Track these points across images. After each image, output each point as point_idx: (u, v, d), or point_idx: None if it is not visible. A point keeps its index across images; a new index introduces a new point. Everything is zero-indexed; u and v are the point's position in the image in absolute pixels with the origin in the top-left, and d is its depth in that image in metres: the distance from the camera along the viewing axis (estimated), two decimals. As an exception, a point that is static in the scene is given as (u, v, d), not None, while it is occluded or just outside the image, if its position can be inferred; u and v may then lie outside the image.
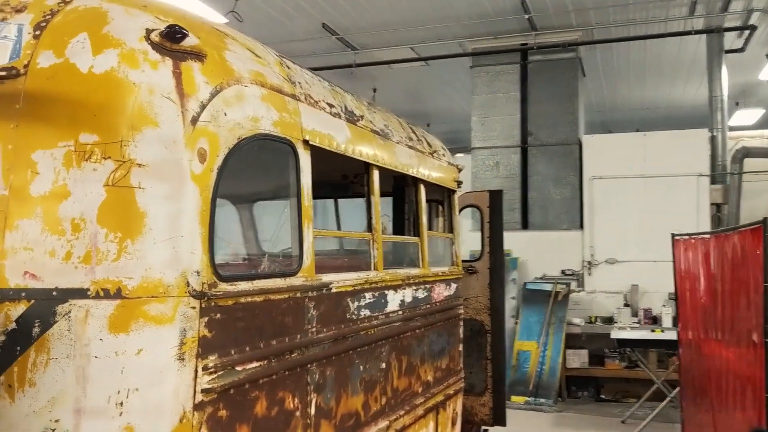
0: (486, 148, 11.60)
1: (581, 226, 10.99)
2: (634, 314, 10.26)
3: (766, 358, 4.32)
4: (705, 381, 6.12)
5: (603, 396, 10.29)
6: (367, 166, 3.88)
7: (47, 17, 2.29)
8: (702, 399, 6.27)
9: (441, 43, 11.62)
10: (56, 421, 2.08)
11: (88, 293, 2.12)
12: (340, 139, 3.48)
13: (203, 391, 2.36)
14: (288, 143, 2.99)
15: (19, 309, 2.11)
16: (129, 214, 2.18)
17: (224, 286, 2.48)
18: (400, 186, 5.15)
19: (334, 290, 3.33)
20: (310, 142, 3.13)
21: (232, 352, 2.53)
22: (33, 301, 2.11)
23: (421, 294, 4.55)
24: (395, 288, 4.11)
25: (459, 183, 5.61)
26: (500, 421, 6.16)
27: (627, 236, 10.54)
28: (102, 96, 2.20)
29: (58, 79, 2.19)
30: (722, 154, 10.52)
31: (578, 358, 10.29)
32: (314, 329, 3.14)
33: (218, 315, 2.45)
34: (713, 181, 10.47)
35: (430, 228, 5.48)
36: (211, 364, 2.40)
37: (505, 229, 11.37)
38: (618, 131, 15.55)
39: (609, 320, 10.38)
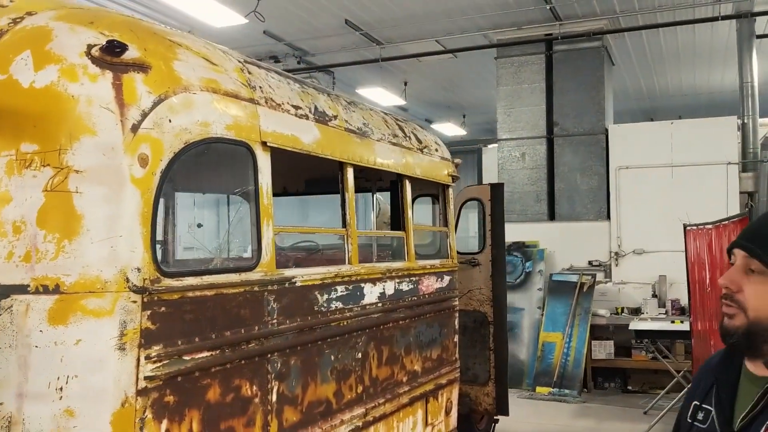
0: (512, 140, 11.58)
1: (608, 217, 10.89)
2: (662, 305, 10.13)
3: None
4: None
5: (630, 387, 10.21)
6: (341, 165, 4.02)
7: (-3, 37, 2.51)
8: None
9: (466, 36, 11.65)
10: (1, 404, 2.30)
11: (28, 289, 2.34)
12: (307, 139, 3.63)
13: (146, 378, 2.56)
14: (244, 145, 3.16)
15: (-33, 303, 2.34)
16: (66, 216, 2.38)
17: (168, 282, 2.67)
18: (394, 182, 5.28)
19: (298, 284, 3.50)
20: (269, 144, 3.29)
21: (179, 342, 2.72)
22: (-21, 296, 2.34)
23: (405, 286, 4.68)
24: (373, 281, 4.25)
25: (454, 178, 5.69)
26: (503, 410, 6.25)
27: (655, 226, 10.40)
28: (42, 108, 2.41)
29: (2, 94, 2.41)
30: (753, 142, 10.27)
31: (604, 350, 10.24)
32: (275, 321, 3.31)
33: (162, 308, 2.64)
34: (744, 169, 10.24)
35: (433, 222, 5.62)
36: (154, 354, 2.59)
37: (532, 220, 11.45)
38: (660, 119, 15.27)
39: (636, 311, 10.28)
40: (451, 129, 19.30)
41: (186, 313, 2.77)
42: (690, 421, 1.86)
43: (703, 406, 1.83)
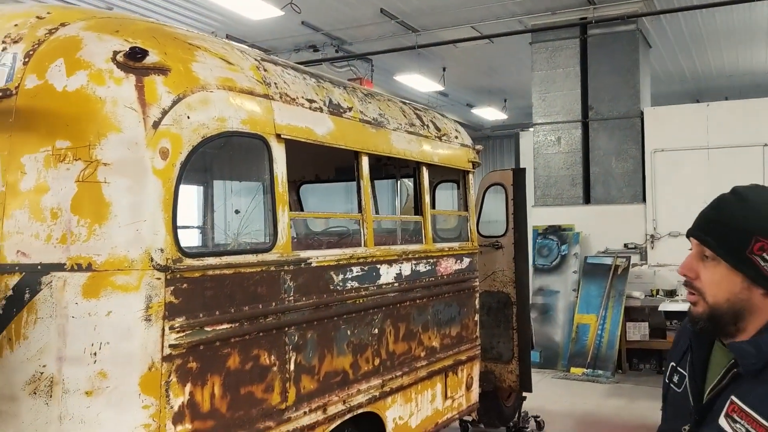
0: (547, 124, 11.68)
1: (644, 200, 10.92)
2: (697, 287, 10.14)
3: None
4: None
5: (664, 368, 10.27)
6: (356, 154, 4.30)
7: (35, 46, 2.85)
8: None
9: (501, 21, 11.76)
10: (44, 366, 2.67)
11: (65, 267, 2.69)
12: (321, 131, 3.92)
13: (171, 346, 2.90)
14: (260, 138, 3.46)
15: (14, 280, 2.71)
16: (96, 203, 2.73)
17: (190, 261, 3.00)
18: (414, 169, 5.54)
19: (314, 264, 3.80)
20: (284, 136, 3.59)
21: (201, 315, 3.05)
22: (24, 273, 2.70)
23: (422, 267, 4.94)
24: (389, 262, 4.53)
25: (475, 164, 5.91)
26: (526, 387, 6.47)
27: (690, 209, 10.16)
28: (73, 109, 2.75)
29: (40, 97, 2.76)
30: (792, 122, 10.15)
31: (639, 331, 10.31)
32: (292, 298, 3.62)
33: (184, 285, 2.97)
34: (781, 151, 10.14)
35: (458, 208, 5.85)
36: (177, 325, 2.92)
37: (568, 203, 11.54)
38: (705, 101, 15.08)
39: (671, 293, 10.31)
40: (492, 113, 19.36)
41: (206, 289, 3.09)
42: (668, 381, 1.94)
43: (679, 369, 1.89)
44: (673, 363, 1.93)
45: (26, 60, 2.83)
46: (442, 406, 5.23)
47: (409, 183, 6.67)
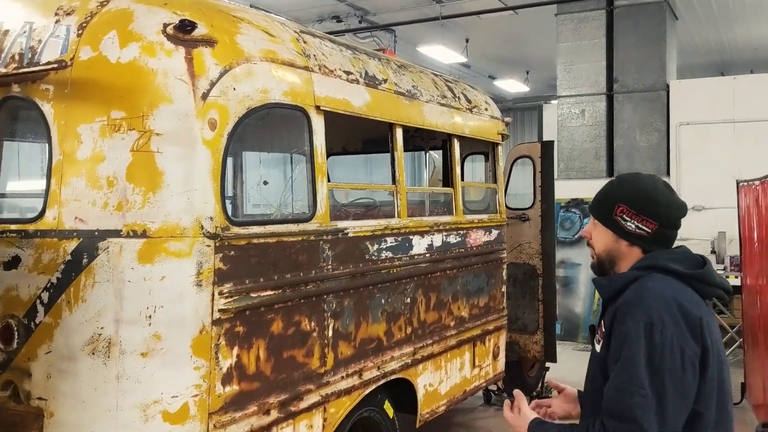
0: (571, 96, 11.64)
1: (668, 173, 10.89)
2: (720, 261, 10.14)
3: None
4: (763, 326, 6.21)
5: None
6: (390, 126, 4.36)
7: (88, 18, 2.93)
8: (759, 343, 6.37)
9: (526, -9, 11.68)
10: (102, 328, 2.79)
11: (121, 233, 2.79)
12: (357, 102, 3.98)
13: (220, 311, 3.00)
14: (300, 109, 3.53)
15: (72, 245, 2.82)
16: (150, 172, 2.82)
17: (236, 230, 3.09)
18: (444, 141, 5.58)
19: (351, 234, 3.88)
20: (323, 108, 3.65)
21: (247, 281, 3.15)
22: (82, 239, 2.81)
23: (453, 239, 5.02)
24: (421, 233, 4.61)
25: (504, 136, 5.94)
26: (551, 357, 6.56)
27: (715, 182, 10.34)
28: (127, 81, 2.83)
29: (94, 68, 2.84)
30: (821, 96, 10.06)
31: (659, 305, 10.34)
32: (330, 266, 3.72)
33: (232, 252, 3.07)
34: (810, 125, 10.06)
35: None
36: (226, 290, 3.03)
37: (591, 177, 11.54)
38: (730, 74, 14.93)
39: (694, 267, 10.31)
40: (514, 86, 19.27)
41: (252, 257, 3.19)
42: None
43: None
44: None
45: (80, 32, 2.91)
46: (470, 375, 5.34)
47: (435, 155, 6.73)
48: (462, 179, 5.24)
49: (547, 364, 6.83)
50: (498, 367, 5.87)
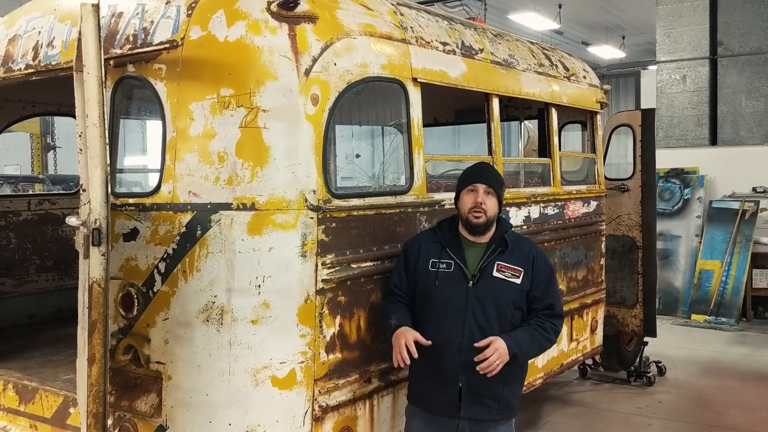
0: (672, 62, 11.14)
1: (776, 141, 10.32)
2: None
3: None
4: None
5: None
6: (486, 96, 4.32)
7: None
8: None
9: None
10: (215, 296, 2.93)
11: (232, 206, 2.91)
12: (454, 73, 3.96)
13: (323, 281, 3.10)
14: (397, 82, 3.55)
15: (186, 218, 2.96)
16: (257, 147, 2.91)
17: (338, 202, 3.16)
18: (541, 110, 5.49)
19: (447, 206, 3.89)
20: (420, 80, 3.66)
21: (348, 252, 3.23)
22: (195, 212, 2.95)
23: (550, 210, 4.95)
24: (518, 205, 4.57)
25: (603, 104, 5.78)
26: (651, 332, 6.40)
27: (828, 150, 9.75)
28: (234, 59, 2.92)
29: (204, 47, 2.95)
30: None
31: (765, 279, 9.88)
32: (428, 238, 3.74)
33: (333, 224, 3.15)
34: None
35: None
36: (328, 261, 3.12)
37: (692, 145, 11.08)
38: None
39: (804, 240, 9.79)
40: (609, 51, 18.62)
41: (352, 228, 3.26)
42: (434, 270, 3.25)
43: (442, 260, 3.27)
44: (433, 259, 3.28)
45: (189, 12, 3.02)
46: (567, 348, 5.28)
47: (529, 124, 6.61)
48: (560, 149, 5.13)
49: (646, 339, 6.67)
50: (596, 340, 5.78)
